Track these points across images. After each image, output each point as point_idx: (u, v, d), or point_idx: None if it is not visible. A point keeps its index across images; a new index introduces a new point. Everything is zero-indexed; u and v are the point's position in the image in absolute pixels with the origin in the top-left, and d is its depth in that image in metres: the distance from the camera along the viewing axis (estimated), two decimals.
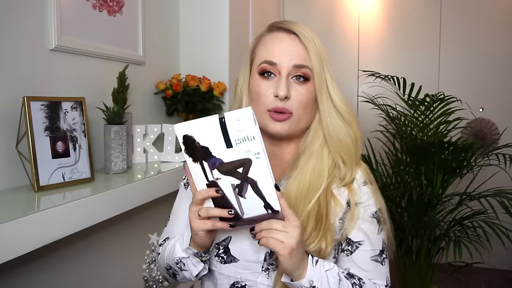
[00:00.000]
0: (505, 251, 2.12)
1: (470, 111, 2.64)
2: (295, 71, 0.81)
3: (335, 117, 0.83)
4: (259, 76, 0.83)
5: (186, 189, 0.94)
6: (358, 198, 0.83)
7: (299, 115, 0.81)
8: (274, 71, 0.81)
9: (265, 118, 0.81)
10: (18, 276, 1.08)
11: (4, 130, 1.08)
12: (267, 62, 0.81)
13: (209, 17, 1.96)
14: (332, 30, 3.13)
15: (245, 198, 0.69)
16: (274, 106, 0.80)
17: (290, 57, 0.81)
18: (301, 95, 0.81)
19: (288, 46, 0.81)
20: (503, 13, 2.90)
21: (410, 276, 2.16)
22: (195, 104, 1.79)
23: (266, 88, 0.81)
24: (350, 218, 0.82)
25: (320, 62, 0.81)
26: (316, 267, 0.73)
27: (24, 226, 0.86)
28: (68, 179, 1.15)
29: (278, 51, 0.81)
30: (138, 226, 1.57)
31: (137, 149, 1.60)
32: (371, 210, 0.83)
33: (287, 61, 0.80)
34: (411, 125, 2.21)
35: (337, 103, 0.83)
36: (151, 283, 1.45)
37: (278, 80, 0.80)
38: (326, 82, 0.82)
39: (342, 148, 0.83)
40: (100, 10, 1.43)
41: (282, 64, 0.80)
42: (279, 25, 0.84)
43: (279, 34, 0.83)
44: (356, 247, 0.82)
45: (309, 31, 0.83)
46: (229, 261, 0.83)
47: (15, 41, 1.11)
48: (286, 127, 0.81)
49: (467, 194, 2.07)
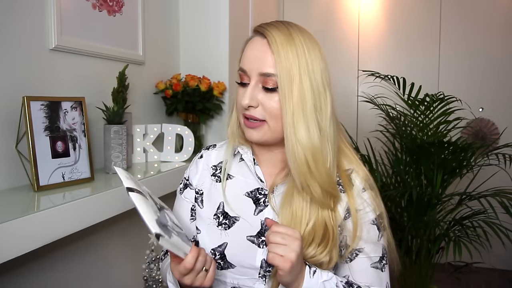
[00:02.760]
0: (505, 251, 2.12)
1: (470, 111, 2.64)
2: (262, 79, 0.76)
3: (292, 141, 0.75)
4: (238, 84, 0.82)
5: (182, 194, 0.93)
6: (358, 205, 0.81)
7: (272, 124, 0.78)
8: (247, 79, 0.79)
9: (242, 124, 0.82)
10: (18, 276, 1.08)
11: (4, 130, 1.08)
12: (240, 69, 0.80)
13: (209, 17, 1.96)
14: (332, 30, 3.12)
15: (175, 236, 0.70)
16: (244, 112, 0.80)
17: (258, 64, 0.76)
18: (269, 104, 0.76)
19: (257, 52, 0.77)
20: (502, 13, 2.90)
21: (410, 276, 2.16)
22: (195, 104, 1.79)
23: (240, 96, 0.80)
24: (351, 226, 0.80)
25: (288, 73, 0.73)
26: (313, 278, 0.73)
27: (24, 226, 0.86)
28: (68, 179, 1.15)
29: (248, 58, 0.79)
30: (138, 226, 1.57)
31: (137, 149, 1.60)
32: (371, 216, 0.82)
33: (255, 68, 0.77)
34: (411, 125, 2.21)
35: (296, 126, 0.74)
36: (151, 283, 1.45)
37: (247, 88, 0.79)
38: (292, 98, 0.73)
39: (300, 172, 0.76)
40: (100, 10, 1.43)
41: (250, 72, 0.78)
42: (257, 28, 0.80)
43: (254, 39, 0.80)
44: (355, 254, 0.81)
45: (287, 36, 0.75)
46: (226, 267, 0.82)
47: (15, 41, 1.11)
48: (260, 134, 0.79)
49: (467, 194, 2.07)
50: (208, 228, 0.85)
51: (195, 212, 0.91)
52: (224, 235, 0.83)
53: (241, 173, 0.88)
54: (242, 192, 0.86)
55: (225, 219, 0.84)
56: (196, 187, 0.91)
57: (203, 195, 0.89)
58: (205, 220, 0.86)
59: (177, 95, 1.78)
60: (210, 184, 0.89)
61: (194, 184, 0.91)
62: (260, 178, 0.85)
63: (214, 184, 0.89)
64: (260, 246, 0.81)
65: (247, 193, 0.85)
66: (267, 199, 0.83)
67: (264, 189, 0.85)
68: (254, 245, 0.81)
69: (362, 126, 3.01)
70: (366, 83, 2.72)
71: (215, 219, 0.85)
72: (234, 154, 0.90)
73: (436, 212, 2.10)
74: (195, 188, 0.91)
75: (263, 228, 0.82)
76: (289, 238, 0.70)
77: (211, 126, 1.99)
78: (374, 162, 2.28)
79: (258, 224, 0.82)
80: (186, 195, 0.92)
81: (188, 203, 0.92)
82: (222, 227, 0.84)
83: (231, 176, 0.88)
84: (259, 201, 0.84)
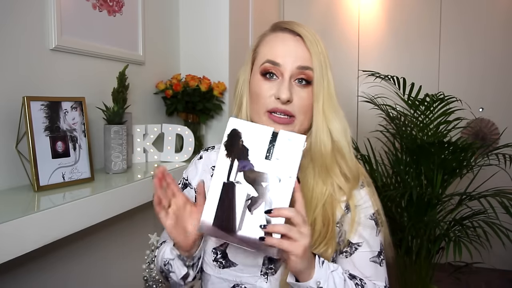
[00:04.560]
0: (505, 251, 2.12)
1: (470, 111, 2.65)
2: (298, 73, 0.79)
3: (324, 131, 0.80)
4: (260, 77, 0.81)
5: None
6: (357, 201, 0.83)
7: (301, 120, 0.80)
8: (277, 72, 0.80)
9: (265, 120, 0.79)
10: (18, 276, 1.08)
11: (4, 130, 1.08)
12: (270, 62, 0.80)
13: (209, 17, 1.96)
14: (332, 30, 3.12)
15: (251, 214, 0.67)
16: (274, 106, 0.78)
17: (294, 58, 0.79)
18: (302, 100, 0.79)
19: (292, 48, 0.80)
20: (502, 13, 2.90)
21: (410, 276, 2.16)
22: (195, 104, 1.79)
23: (267, 89, 0.79)
24: (350, 221, 0.81)
25: (321, 66, 0.79)
26: (322, 267, 0.73)
27: (24, 226, 0.86)
28: (68, 179, 1.15)
29: (282, 52, 0.80)
30: (138, 226, 1.57)
31: (137, 149, 1.60)
32: (369, 212, 0.84)
33: (291, 62, 0.79)
34: (411, 125, 2.21)
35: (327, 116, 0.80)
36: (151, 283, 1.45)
37: (281, 82, 0.79)
38: (323, 89, 0.80)
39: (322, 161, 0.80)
40: (100, 10, 1.43)
41: (285, 66, 0.79)
42: (284, 25, 0.83)
43: (284, 35, 0.81)
44: (355, 248, 0.82)
45: (313, 34, 0.81)
46: (228, 266, 0.82)
47: (15, 41, 1.11)
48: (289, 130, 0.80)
49: (467, 194, 2.07)
50: None
51: None
52: None
53: None
54: None
55: None
56: (196, 188, 0.91)
57: None
58: None
59: (177, 95, 1.78)
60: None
61: (194, 185, 0.91)
62: None
63: None
64: None
65: None
66: None
67: None
68: None
69: (362, 126, 3.00)
70: (366, 83, 2.72)
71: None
72: None
73: (436, 212, 2.10)
74: (195, 188, 0.91)
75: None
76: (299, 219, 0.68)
77: (211, 126, 1.99)
78: (374, 162, 2.28)
79: None
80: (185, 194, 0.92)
81: None
82: None
83: None
84: None
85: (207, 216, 0.68)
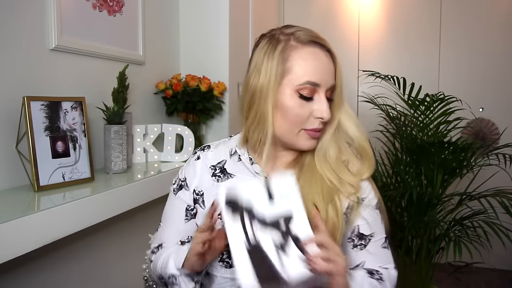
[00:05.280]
0: (505, 251, 2.12)
1: (470, 111, 2.64)
2: (329, 91, 0.81)
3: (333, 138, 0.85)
4: (298, 95, 0.79)
5: (176, 195, 0.93)
6: (362, 193, 0.85)
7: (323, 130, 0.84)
8: (314, 92, 0.80)
9: (299, 136, 0.81)
10: (18, 276, 1.08)
11: (4, 130, 1.08)
12: (311, 83, 0.78)
13: (209, 17, 1.97)
14: (332, 30, 3.12)
15: (287, 256, 0.66)
16: (313, 127, 0.81)
17: (328, 77, 0.80)
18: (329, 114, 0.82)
19: (327, 66, 0.81)
20: (503, 13, 2.90)
21: (410, 276, 2.16)
22: (195, 104, 1.79)
23: (307, 109, 0.80)
24: (357, 213, 0.84)
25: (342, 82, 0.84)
26: (352, 278, 0.75)
27: (24, 226, 0.86)
28: (68, 179, 1.15)
29: (320, 71, 0.79)
30: (138, 226, 1.57)
31: (137, 149, 1.60)
32: (374, 202, 0.87)
33: (327, 81, 0.80)
34: (411, 125, 2.21)
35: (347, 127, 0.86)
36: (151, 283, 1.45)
37: (319, 101, 0.80)
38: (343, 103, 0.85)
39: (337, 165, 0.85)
40: (100, 10, 1.43)
41: (323, 85, 0.80)
42: (314, 39, 0.80)
43: (316, 51, 0.80)
44: (369, 239, 0.85)
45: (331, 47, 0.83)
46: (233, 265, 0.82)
47: (15, 41, 1.11)
48: (316, 142, 0.84)
49: (467, 194, 2.07)
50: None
51: (189, 213, 0.91)
52: None
53: (240, 172, 0.88)
54: None
55: None
56: (196, 189, 0.90)
57: (203, 195, 0.89)
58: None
59: (177, 95, 1.78)
60: (211, 185, 0.89)
61: (193, 186, 0.91)
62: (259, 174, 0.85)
63: (216, 184, 0.88)
64: None
65: None
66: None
67: None
68: None
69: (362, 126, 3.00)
70: (366, 83, 2.72)
71: (219, 218, 0.84)
72: (231, 154, 0.90)
73: (436, 212, 2.10)
74: (195, 190, 0.90)
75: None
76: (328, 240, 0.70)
77: (211, 126, 1.99)
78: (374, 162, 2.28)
79: None
80: (181, 195, 0.92)
81: (183, 204, 0.91)
82: None
83: (231, 175, 0.88)
84: None
85: (247, 278, 0.65)
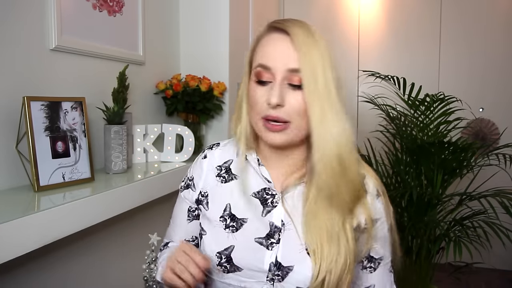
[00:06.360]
0: (505, 251, 2.12)
1: (470, 111, 2.65)
2: (291, 76, 0.74)
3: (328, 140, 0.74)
4: (255, 81, 0.78)
5: (181, 193, 0.92)
6: (375, 214, 0.81)
7: (297, 124, 0.75)
8: (269, 77, 0.76)
9: (260, 127, 0.77)
10: (18, 276, 1.08)
11: (4, 130, 1.08)
12: (261, 66, 0.76)
13: (209, 17, 1.96)
14: (332, 30, 3.12)
15: None
16: (266, 113, 0.75)
17: (284, 60, 0.74)
18: (297, 102, 0.74)
19: (283, 48, 0.75)
20: (503, 13, 2.91)
21: (410, 276, 2.16)
22: (195, 104, 1.79)
23: (261, 95, 0.76)
24: (369, 236, 0.80)
25: (312, 67, 0.73)
26: None
27: (24, 226, 0.86)
28: (68, 179, 1.15)
29: (272, 54, 0.76)
30: (138, 226, 1.57)
31: (137, 149, 1.60)
32: (385, 226, 0.84)
33: (282, 65, 0.74)
34: (411, 125, 2.21)
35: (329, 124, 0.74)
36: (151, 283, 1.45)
37: (272, 86, 0.75)
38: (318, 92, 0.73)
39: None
40: (100, 10, 1.43)
41: (275, 69, 0.75)
42: (275, 24, 0.78)
43: (275, 35, 0.77)
44: (378, 263, 0.84)
45: (308, 32, 0.75)
46: (233, 270, 0.79)
47: (15, 41, 1.11)
48: (284, 137, 0.76)
49: (467, 194, 2.07)
50: (214, 230, 0.83)
51: (191, 214, 0.90)
52: (232, 238, 0.80)
53: (246, 173, 0.85)
54: (248, 193, 0.83)
55: (232, 221, 0.82)
56: (201, 190, 0.89)
57: (208, 197, 0.87)
58: (212, 222, 0.84)
59: (177, 95, 1.78)
60: (215, 185, 0.87)
61: (200, 187, 0.89)
62: (267, 179, 0.83)
63: (220, 185, 0.86)
64: (268, 248, 0.78)
65: (254, 194, 0.83)
66: (275, 199, 0.81)
67: (271, 189, 0.82)
68: (263, 247, 0.78)
69: (362, 126, 3.00)
70: (366, 83, 2.72)
71: (221, 221, 0.83)
72: (237, 154, 0.88)
73: (436, 212, 2.10)
74: (201, 190, 0.88)
75: (272, 230, 0.79)
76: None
77: (211, 126, 1.99)
78: (374, 163, 2.28)
79: (266, 225, 0.80)
80: (185, 195, 0.91)
81: (186, 204, 0.91)
82: (230, 230, 0.81)
83: (236, 177, 0.86)
84: (267, 202, 0.82)
85: None
